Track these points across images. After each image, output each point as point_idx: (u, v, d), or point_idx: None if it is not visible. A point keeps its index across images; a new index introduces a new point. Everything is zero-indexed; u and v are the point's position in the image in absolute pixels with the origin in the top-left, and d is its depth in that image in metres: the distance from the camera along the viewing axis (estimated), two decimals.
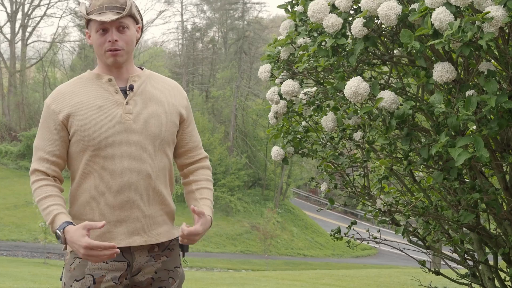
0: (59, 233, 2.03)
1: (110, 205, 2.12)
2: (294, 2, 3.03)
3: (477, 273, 3.38)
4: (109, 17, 2.11)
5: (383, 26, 2.51)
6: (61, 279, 2.21)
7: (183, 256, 2.34)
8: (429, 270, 3.58)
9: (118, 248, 2.12)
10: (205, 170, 2.39)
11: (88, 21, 2.19)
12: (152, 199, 2.18)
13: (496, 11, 2.01)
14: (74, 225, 2.04)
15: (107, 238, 2.13)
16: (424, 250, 3.62)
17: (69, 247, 2.17)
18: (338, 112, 3.00)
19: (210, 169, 2.42)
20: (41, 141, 2.18)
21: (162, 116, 2.21)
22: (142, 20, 2.29)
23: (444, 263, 3.69)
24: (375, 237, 3.69)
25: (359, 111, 2.75)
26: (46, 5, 40.22)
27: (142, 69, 2.31)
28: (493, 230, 3.31)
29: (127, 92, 2.20)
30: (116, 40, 2.14)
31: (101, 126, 2.11)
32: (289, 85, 2.93)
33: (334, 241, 3.66)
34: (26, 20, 39.36)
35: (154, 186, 2.18)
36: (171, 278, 2.24)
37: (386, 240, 3.68)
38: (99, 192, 2.12)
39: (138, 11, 2.28)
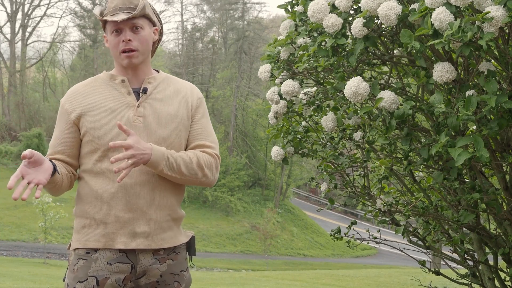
0: None
1: (115, 206, 2.11)
2: (294, 2, 3.03)
3: (477, 273, 3.37)
4: (121, 17, 2.12)
5: (383, 26, 2.51)
6: (64, 280, 2.20)
7: (191, 259, 2.32)
8: (429, 270, 3.58)
9: (121, 249, 2.13)
10: (200, 152, 2.21)
11: (105, 24, 2.20)
12: (158, 204, 2.15)
13: (496, 11, 2.01)
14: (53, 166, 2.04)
15: (111, 238, 2.12)
16: (424, 250, 3.62)
17: (72, 245, 2.19)
18: (338, 112, 3.00)
19: (210, 155, 2.23)
20: (53, 140, 2.22)
21: (173, 120, 2.19)
22: (161, 23, 2.29)
23: (444, 263, 3.69)
24: (375, 237, 3.69)
25: (359, 111, 2.75)
26: (46, 5, 40.36)
27: (158, 71, 2.31)
28: (493, 230, 3.31)
29: (140, 94, 2.19)
30: (129, 40, 2.14)
31: (111, 128, 2.12)
32: (289, 85, 2.93)
33: (334, 241, 3.66)
34: (26, 20, 39.39)
35: (161, 191, 2.16)
36: (177, 282, 2.21)
37: (386, 240, 3.67)
38: (105, 193, 2.12)
39: (156, 14, 2.28)
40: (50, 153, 2.20)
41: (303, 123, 3.42)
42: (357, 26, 2.41)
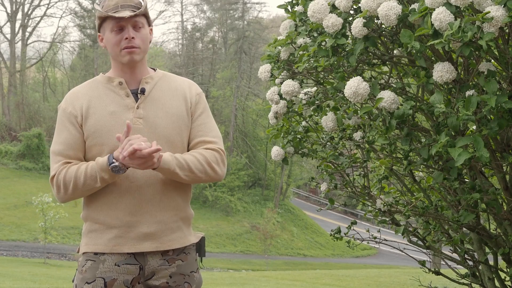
0: (115, 163, 2.03)
1: (121, 210, 2.12)
2: (294, 2, 3.03)
3: (477, 273, 3.37)
4: (126, 13, 2.11)
5: (383, 26, 2.51)
6: (73, 281, 2.20)
7: (201, 261, 2.31)
8: (429, 270, 3.58)
9: (129, 253, 2.13)
10: (203, 149, 2.19)
11: (101, 24, 2.18)
12: (165, 205, 2.15)
13: (496, 11, 2.01)
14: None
15: (118, 242, 2.12)
16: (424, 250, 3.62)
17: (81, 249, 2.19)
18: (338, 112, 3.00)
19: (214, 150, 2.20)
20: (59, 145, 2.15)
21: (173, 119, 2.18)
22: (151, 24, 2.29)
23: (444, 263, 3.68)
24: (375, 237, 3.69)
25: (359, 111, 2.75)
26: (46, 5, 40.35)
27: (155, 70, 2.30)
28: (493, 230, 3.31)
29: (138, 95, 2.18)
30: (133, 37, 2.13)
31: (113, 131, 2.11)
32: (289, 85, 2.92)
33: (334, 241, 3.66)
34: (26, 20, 39.39)
35: (167, 191, 2.15)
36: (187, 283, 2.20)
37: (386, 240, 3.67)
38: (111, 197, 2.12)
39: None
40: (59, 159, 2.12)
41: (303, 123, 3.42)
42: (357, 26, 2.41)
